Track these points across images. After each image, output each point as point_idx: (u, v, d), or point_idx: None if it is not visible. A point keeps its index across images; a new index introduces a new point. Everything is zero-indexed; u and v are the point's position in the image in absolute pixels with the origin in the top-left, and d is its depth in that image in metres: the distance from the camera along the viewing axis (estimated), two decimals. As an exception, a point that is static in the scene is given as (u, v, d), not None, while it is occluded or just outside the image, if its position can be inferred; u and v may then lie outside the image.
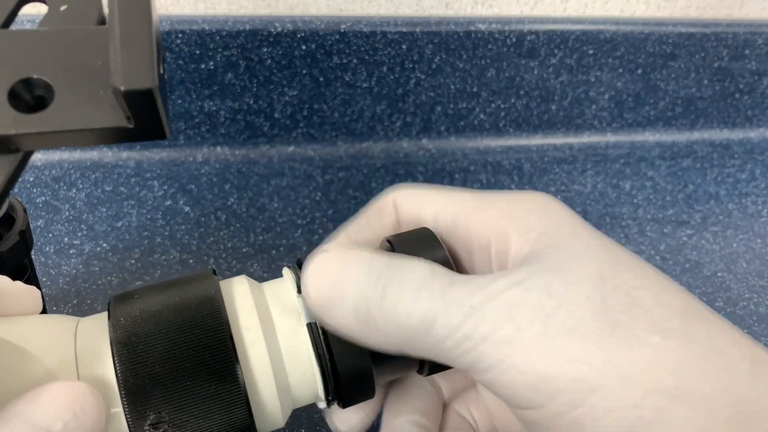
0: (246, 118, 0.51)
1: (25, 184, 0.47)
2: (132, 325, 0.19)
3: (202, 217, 0.46)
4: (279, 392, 0.20)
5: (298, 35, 0.48)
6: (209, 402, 0.19)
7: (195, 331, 0.19)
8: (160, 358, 0.19)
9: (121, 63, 0.14)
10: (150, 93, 0.15)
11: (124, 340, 0.19)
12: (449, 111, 0.54)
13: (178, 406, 0.19)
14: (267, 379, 0.20)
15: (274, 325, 0.21)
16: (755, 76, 0.59)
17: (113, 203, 0.46)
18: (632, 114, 0.59)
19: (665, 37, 0.54)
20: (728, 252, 0.47)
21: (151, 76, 0.15)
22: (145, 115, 0.15)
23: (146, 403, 0.18)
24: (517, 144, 0.57)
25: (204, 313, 0.20)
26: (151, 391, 0.18)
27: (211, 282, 0.21)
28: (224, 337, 0.19)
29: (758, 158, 0.59)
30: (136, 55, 0.15)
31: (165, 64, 0.17)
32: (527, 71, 0.54)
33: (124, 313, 0.20)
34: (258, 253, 0.43)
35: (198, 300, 0.20)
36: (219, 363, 0.19)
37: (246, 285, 0.22)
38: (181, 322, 0.20)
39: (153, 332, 0.19)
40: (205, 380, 0.19)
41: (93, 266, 0.41)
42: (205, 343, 0.19)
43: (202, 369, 0.19)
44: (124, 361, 0.19)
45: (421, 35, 0.50)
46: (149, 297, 0.21)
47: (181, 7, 0.48)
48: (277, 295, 0.22)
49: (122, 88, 0.14)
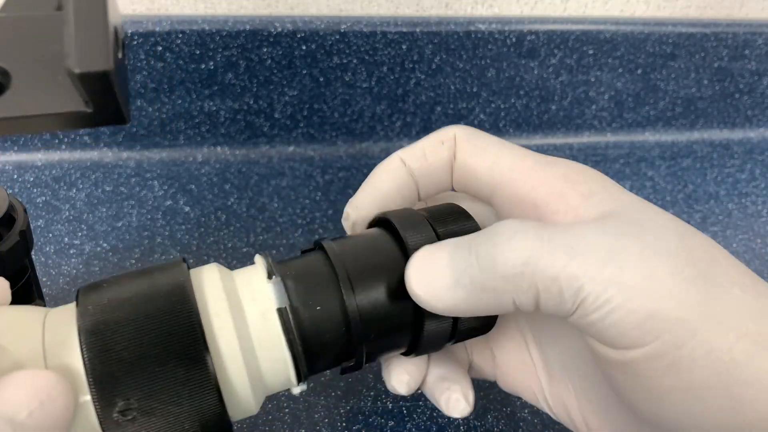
0: (246, 118, 0.51)
1: (25, 184, 0.47)
2: (100, 312, 0.19)
3: (202, 217, 0.46)
4: (250, 378, 0.20)
5: (298, 35, 0.48)
6: (179, 388, 0.19)
7: (163, 317, 0.19)
8: (128, 345, 0.19)
9: (76, 46, 0.14)
10: (105, 75, 0.14)
11: (91, 328, 0.19)
12: (449, 111, 0.54)
13: (147, 393, 0.18)
14: (237, 364, 0.20)
15: (244, 311, 0.21)
16: (755, 76, 0.59)
17: (113, 203, 0.46)
18: (632, 114, 0.59)
19: (665, 37, 0.54)
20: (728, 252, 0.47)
21: (105, 58, 0.14)
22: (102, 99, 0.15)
23: (114, 390, 0.18)
24: (517, 144, 0.57)
25: (173, 300, 0.20)
26: (120, 378, 0.18)
27: (180, 270, 0.21)
28: (193, 323, 0.19)
29: (758, 158, 0.59)
30: (91, 38, 0.15)
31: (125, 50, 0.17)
32: (527, 71, 0.54)
33: (92, 301, 0.20)
34: (258, 252, 0.43)
35: (167, 287, 0.20)
36: (188, 349, 0.19)
37: (216, 272, 0.21)
38: (150, 308, 0.19)
39: (121, 319, 0.19)
40: (174, 366, 0.19)
41: (93, 266, 0.41)
42: (174, 329, 0.19)
43: (170, 355, 0.19)
44: (91, 348, 0.19)
45: (421, 35, 0.50)
46: (118, 285, 0.21)
47: (181, 7, 0.48)
48: (248, 281, 0.22)
49: (76, 70, 0.14)
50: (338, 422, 0.33)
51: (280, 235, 0.45)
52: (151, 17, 0.47)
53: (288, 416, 0.33)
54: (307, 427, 0.32)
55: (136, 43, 0.47)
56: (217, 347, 0.20)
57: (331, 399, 0.34)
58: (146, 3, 0.48)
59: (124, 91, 0.16)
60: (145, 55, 0.47)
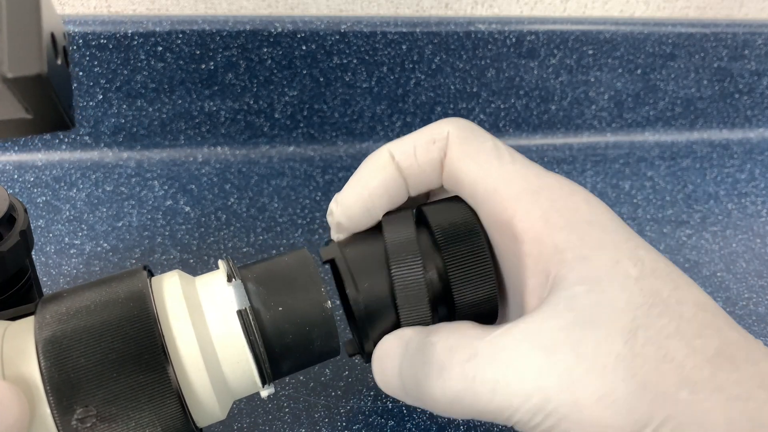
0: (246, 118, 0.51)
1: (25, 184, 0.47)
2: (57, 322, 0.19)
3: (202, 217, 0.46)
4: (213, 381, 0.20)
5: (298, 35, 0.48)
6: (138, 393, 0.18)
7: (121, 323, 0.19)
8: (85, 352, 0.18)
9: (8, 51, 0.14)
10: (39, 79, 0.14)
11: (48, 338, 0.19)
12: (449, 111, 0.54)
13: (105, 399, 0.18)
14: (198, 368, 0.20)
15: (204, 314, 0.21)
16: (755, 77, 0.59)
17: (114, 203, 0.46)
18: (632, 114, 0.59)
19: (665, 37, 0.54)
20: (728, 252, 0.47)
21: (38, 61, 0.14)
22: (40, 104, 0.15)
23: (72, 398, 0.18)
24: (517, 144, 0.57)
25: (130, 305, 0.19)
26: (77, 385, 0.18)
27: (139, 277, 0.21)
28: (150, 327, 0.19)
29: (758, 158, 0.59)
30: (23, 42, 0.14)
31: (68, 57, 0.17)
32: (527, 71, 0.54)
33: (50, 311, 0.20)
34: (258, 253, 0.43)
35: (125, 294, 0.20)
36: (146, 353, 0.19)
37: (176, 277, 0.21)
38: (108, 315, 0.19)
39: (79, 328, 0.19)
40: (132, 371, 0.18)
41: (93, 266, 0.41)
42: (131, 334, 0.19)
43: (129, 360, 0.19)
44: (48, 357, 0.18)
45: (421, 35, 0.50)
46: (77, 295, 0.20)
47: (181, 7, 0.48)
48: (209, 285, 0.21)
49: (9, 75, 0.14)
50: (338, 422, 0.33)
51: (280, 235, 0.45)
52: (151, 17, 0.47)
53: (288, 416, 0.33)
54: (307, 427, 0.32)
55: (136, 43, 0.47)
56: (176, 351, 0.19)
57: (331, 399, 0.34)
58: (146, 3, 0.48)
59: (65, 95, 0.15)
60: (146, 55, 0.47)
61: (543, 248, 0.20)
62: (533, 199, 0.21)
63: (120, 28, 0.46)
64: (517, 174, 0.22)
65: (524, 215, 0.21)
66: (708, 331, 0.18)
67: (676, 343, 0.18)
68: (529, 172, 0.22)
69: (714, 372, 0.17)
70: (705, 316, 0.18)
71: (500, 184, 0.22)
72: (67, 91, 0.16)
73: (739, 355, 0.18)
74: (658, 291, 0.19)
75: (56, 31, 0.16)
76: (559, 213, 0.20)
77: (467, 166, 0.23)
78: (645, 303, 0.18)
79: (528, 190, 0.21)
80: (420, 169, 0.24)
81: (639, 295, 0.18)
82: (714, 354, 0.18)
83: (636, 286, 0.19)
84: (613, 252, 0.19)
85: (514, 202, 0.21)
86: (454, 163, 0.23)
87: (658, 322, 0.18)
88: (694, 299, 0.19)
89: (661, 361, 0.17)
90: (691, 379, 0.17)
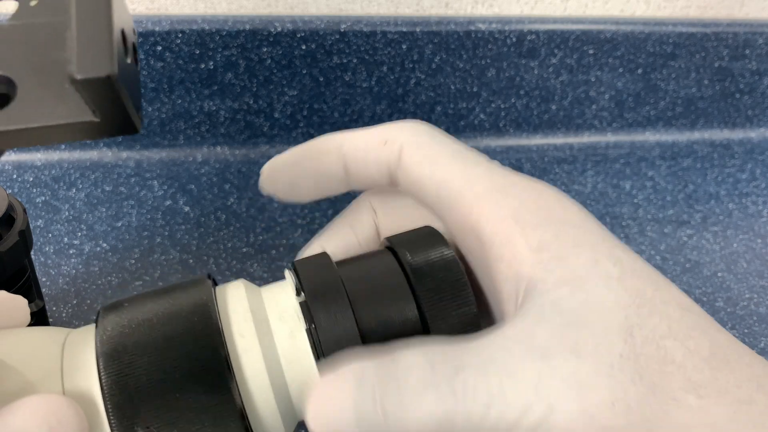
0: (246, 118, 0.51)
1: (24, 184, 0.47)
2: (119, 335, 0.19)
3: (202, 217, 0.46)
4: (278, 402, 0.19)
5: (298, 35, 0.48)
6: (201, 415, 0.18)
7: (185, 339, 0.18)
8: (147, 369, 0.18)
9: (77, 51, 0.14)
10: (109, 81, 0.14)
11: (110, 352, 0.18)
12: (449, 111, 0.54)
13: (168, 421, 0.18)
14: (264, 389, 0.19)
15: (271, 331, 0.20)
16: (755, 76, 0.59)
17: (113, 203, 0.46)
18: (632, 114, 0.59)
19: (665, 37, 0.54)
20: (728, 252, 0.47)
21: (108, 62, 0.13)
22: (109, 107, 0.14)
23: (134, 418, 0.17)
24: (517, 144, 0.57)
25: (194, 320, 0.19)
26: (139, 404, 0.18)
27: (203, 288, 0.20)
28: (216, 346, 0.18)
29: (758, 158, 0.59)
30: (93, 42, 0.14)
31: (137, 56, 0.16)
32: (527, 71, 0.54)
33: (112, 322, 0.19)
34: (258, 253, 0.43)
35: (189, 307, 0.19)
36: (210, 373, 0.18)
37: (242, 289, 0.20)
38: (171, 330, 0.18)
39: (140, 343, 0.18)
40: (195, 392, 0.18)
41: (93, 266, 0.41)
42: (196, 352, 0.18)
43: (192, 380, 0.18)
44: (109, 373, 0.18)
45: (421, 35, 0.50)
46: (139, 305, 0.20)
47: (181, 7, 0.48)
48: (276, 299, 0.21)
49: (78, 76, 0.13)
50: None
51: (280, 235, 0.45)
52: (150, 17, 0.47)
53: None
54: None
55: (135, 42, 0.47)
56: (241, 370, 0.19)
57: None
58: (146, 3, 0.48)
59: (134, 97, 0.15)
60: (145, 54, 0.47)
61: (515, 250, 0.19)
62: (501, 197, 0.20)
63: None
64: (482, 175, 0.20)
65: (492, 216, 0.19)
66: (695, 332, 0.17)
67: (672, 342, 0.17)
68: (494, 172, 0.21)
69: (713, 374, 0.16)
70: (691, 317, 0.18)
71: (464, 187, 0.20)
72: (136, 92, 0.15)
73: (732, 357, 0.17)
74: (642, 291, 0.18)
75: (126, 28, 0.15)
76: (530, 211, 0.19)
77: (428, 170, 0.21)
78: (633, 303, 0.17)
79: (494, 189, 0.20)
80: (365, 166, 0.23)
81: (625, 294, 0.17)
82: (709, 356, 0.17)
83: (620, 286, 0.17)
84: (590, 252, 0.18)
85: (480, 203, 0.20)
86: (413, 168, 0.22)
87: (650, 321, 0.17)
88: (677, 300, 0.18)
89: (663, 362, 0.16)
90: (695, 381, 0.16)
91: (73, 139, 0.15)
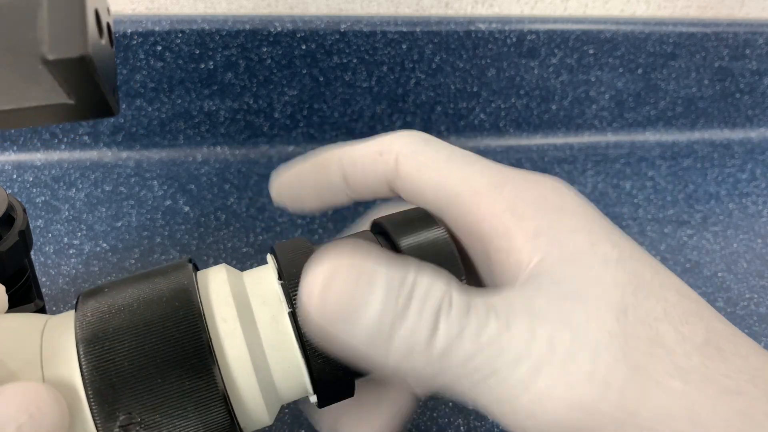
0: (246, 118, 0.51)
1: (24, 183, 0.47)
2: (99, 321, 0.18)
3: (201, 217, 0.46)
4: (261, 387, 0.19)
5: (297, 35, 0.48)
6: (184, 400, 0.18)
7: (166, 324, 0.18)
8: (128, 355, 0.18)
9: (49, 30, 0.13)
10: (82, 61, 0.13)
11: (90, 338, 0.18)
12: (449, 111, 0.54)
13: (150, 406, 0.17)
14: (247, 372, 0.19)
15: (253, 315, 0.20)
16: (756, 76, 0.59)
17: (113, 203, 0.46)
18: (632, 114, 0.59)
19: (666, 36, 0.54)
20: (729, 252, 0.47)
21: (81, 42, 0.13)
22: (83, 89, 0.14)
23: (115, 404, 0.17)
24: (517, 144, 0.57)
25: (176, 305, 0.18)
26: (120, 390, 0.17)
27: (184, 272, 0.20)
28: (197, 330, 0.18)
29: (759, 158, 0.59)
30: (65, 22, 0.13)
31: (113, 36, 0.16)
32: (527, 71, 0.54)
33: (91, 308, 0.19)
34: (258, 253, 0.43)
35: (170, 291, 0.19)
36: (192, 357, 0.18)
37: (224, 273, 0.20)
38: (151, 315, 0.18)
39: (121, 328, 0.18)
40: (177, 377, 0.18)
41: (93, 266, 0.41)
42: (177, 337, 0.18)
43: (174, 365, 0.18)
44: (89, 359, 0.18)
45: (421, 35, 0.50)
46: (119, 290, 0.19)
47: (180, 6, 0.48)
48: (258, 283, 0.20)
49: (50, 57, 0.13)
50: (338, 423, 0.33)
51: (280, 235, 0.44)
52: (150, 17, 0.47)
53: (288, 416, 0.33)
54: (307, 427, 0.32)
55: (135, 42, 0.47)
56: (224, 354, 0.19)
57: (331, 399, 0.34)
58: (146, 2, 0.48)
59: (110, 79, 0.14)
60: (145, 54, 0.47)
61: (514, 241, 0.19)
62: (497, 193, 0.20)
63: (119, 27, 0.46)
64: (478, 173, 0.21)
65: (490, 211, 0.20)
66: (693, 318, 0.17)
67: (666, 326, 0.17)
68: (490, 169, 0.21)
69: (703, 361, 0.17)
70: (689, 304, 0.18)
71: (461, 186, 0.21)
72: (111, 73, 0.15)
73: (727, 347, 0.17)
74: (641, 273, 0.18)
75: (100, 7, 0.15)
76: (526, 203, 0.19)
77: (425, 176, 0.22)
78: (630, 283, 0.17)
79: (490, 185, 0.20)
80: (363, 178, 0.23)
81: (623, 274, 0.18)
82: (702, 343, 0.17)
83: (618, 266, 0.18)
84: (588, 236, 0.19)
85: (477, 201, 0.20)
86: (411, 176, 0.22)
87: (646, 303, 0.17)
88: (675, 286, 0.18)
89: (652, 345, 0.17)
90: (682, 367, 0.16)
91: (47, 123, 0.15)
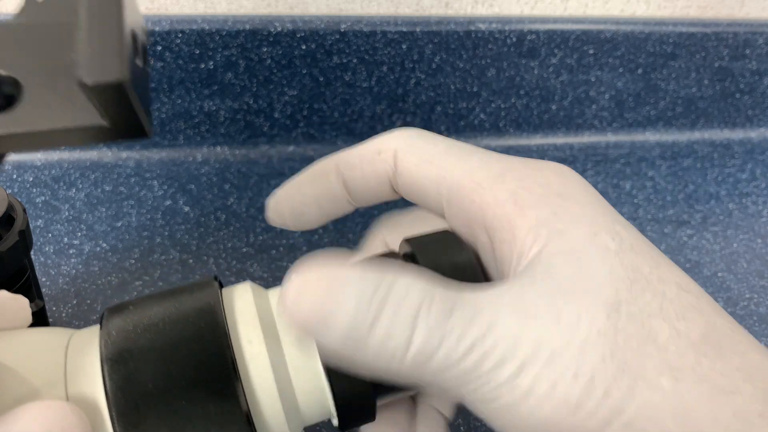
0: (246, 118, 0.51)
1: (24, 183, 0.47)
2: (124, 340, 0.18)
3: (201, 217, 0.46)
4: (285, 410, 0.19)
5: (297, 35, 0.48)
6: (208, 423, 0.18)
7: (191, 345, 0.18)
8: (153, 376, 0.18)
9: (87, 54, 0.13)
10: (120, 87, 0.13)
11: (114, 357, 0.18)
12: (449, 111, 0.54)
13: (173, 428, 0.17)
14: (271, 396, 0.19)
15: (279, 337, 0.19)
16: (756, 76, 0.59)
17: (113, 203, 0.46)
18: (632, 114, 0.59)
19: (666, 36, 0.54)
20: (729, 252, 0.47)
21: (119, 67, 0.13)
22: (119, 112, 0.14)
23: (139, 425, 0.17)
24: (517, 144, 0.57)
25: (201, 326, 0.18)
26: (144, 412, 0.17)
27: (210, 291, 0.20)
28: (223, 353, 0.18)
29: (759, 158, 0.59)
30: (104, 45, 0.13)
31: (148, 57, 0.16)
32: (527, 71, 0.54)
33: (116, 326, 0.19)
34: (258, 253, 0.43)
35: (196, 311, 0.19)
36: (217, 380, 0.18)
37: (249, 293, 0.20)
38: (177, 336, 0.18)
39: (146, 348, 0.18)
40: (202, 400, 0.18)
41: (93, 266, 0.41)
42: (203, 358, 0.18)
43: (199, 387, 0.18)
44: (114, 379, 0.17)
45: (421, 35, 0.50)
46: (144, 308, 0.19)
47: (180, 6, 0.48)
48: None
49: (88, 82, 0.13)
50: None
51: (280, 235, 0.44)
52: (150, 17, 0.47)
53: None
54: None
55: (135, 42, 0.47)
56: (249, 378, 0.18)
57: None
58: (146, 2, 0.48)
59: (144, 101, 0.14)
60: (145, 54, 0.47)
61: (516, 231, 0.19)
62: (498, 182, 0.20)
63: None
64: (479, 164, 0.21)
65: (492, 201, 0.19)
66: (692, 314, 0.17)
67: (660, 323, 0.17)
68: (490, 159, 0.21)
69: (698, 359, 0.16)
70: (688, 298, 0.17)
71: (463, 178, 0.20)
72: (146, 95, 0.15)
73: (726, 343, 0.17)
74: (639, 266, 0.18)
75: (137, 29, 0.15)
76: (528, 191, 0.19)
77: (425, 170, 0.21)
78: (627, 277, 0.17)
79: (491, 175, 0.20)
80: (363, 180, 0.23)
81: (620, 268, 0.17)
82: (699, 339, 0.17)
83: (616, 259, 0.17)
84: (589, 225, 0.18)
85: (479, 192, 0.20)
86: (411, 171, 0.22)
87: (641, 299, 0.17)
88: (676, 279, 0.18)
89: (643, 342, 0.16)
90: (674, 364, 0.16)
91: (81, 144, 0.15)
